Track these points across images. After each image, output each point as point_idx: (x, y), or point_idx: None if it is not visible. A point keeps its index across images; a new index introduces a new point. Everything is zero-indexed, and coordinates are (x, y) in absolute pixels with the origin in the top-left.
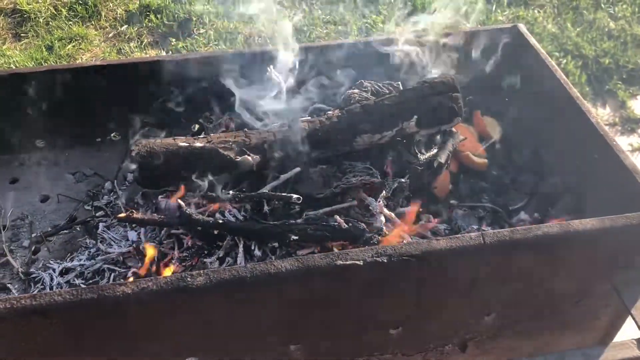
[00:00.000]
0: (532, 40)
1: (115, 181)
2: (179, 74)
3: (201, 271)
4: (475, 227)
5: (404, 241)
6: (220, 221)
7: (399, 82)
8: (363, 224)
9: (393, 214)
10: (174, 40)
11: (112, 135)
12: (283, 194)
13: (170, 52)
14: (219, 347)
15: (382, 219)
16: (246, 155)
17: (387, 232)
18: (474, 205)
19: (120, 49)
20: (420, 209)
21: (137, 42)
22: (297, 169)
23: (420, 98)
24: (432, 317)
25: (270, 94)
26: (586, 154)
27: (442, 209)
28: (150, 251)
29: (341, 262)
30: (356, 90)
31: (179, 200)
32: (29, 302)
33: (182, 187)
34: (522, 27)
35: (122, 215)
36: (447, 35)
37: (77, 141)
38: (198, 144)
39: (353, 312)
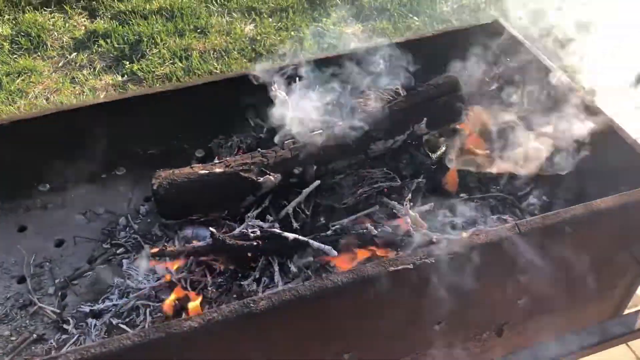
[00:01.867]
0: (513, 31)
1: (129, 216)
2: (179, 103)
3: (262, 295)
4: (494, 217)
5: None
6: (255, 244)
7: (398, 87)
8: (389, 228)
9: (417, 215)
10: (127, 63)
11: (116, 170)
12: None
13: (126, 75)
14: None
15: (409, 220)
16: (267, 175)
17: (414, 234)
18: (484, 196)
19: (73, 77)
20: None
21: (90, 68)
22: (317, 182)
23: (427, 100)
24: (472, 309)
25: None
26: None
27: (455, 203)
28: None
29: (393, 268)
30: (361, 99)
31: (211, 228)
32: (98, 350)
33: None
34: (502, 21)
35: (156, 250)
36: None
37: (81, 180)
38: (218, 170)
39: (401, 314)
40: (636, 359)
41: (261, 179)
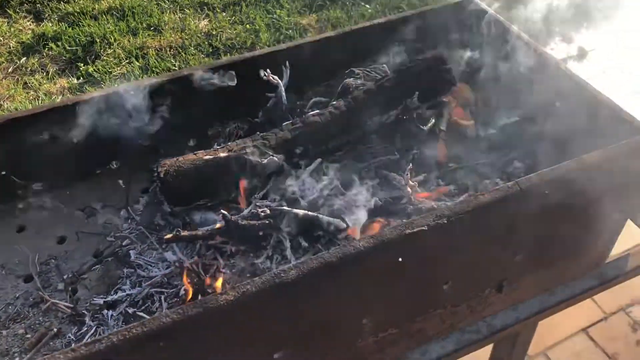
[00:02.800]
0: (485, 6)
1: (129, 208)
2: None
3: (291, 265)
4: (487, 181)
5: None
6: (267, 222)
7: (384, 64)
8: (390, 199)
9: (416, 185)
10: (82, 65)
11: (110, 164)
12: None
13: (82, 77)
14: (303, 335)
15: (409, 190)
16: (271, 156)
17: (416, 201)
18: (473, 164)
19: (25, 82)
20: None
21: (42, 73)
22: (319, 160)
23: (417, 75)
24: (476, 266)
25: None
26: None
27: (445, 172)
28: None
29: (409, 231)
30: (351, 79)
31: (223, 211)
32: (140, 330)
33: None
34: None
35: (169, 236)
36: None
37: (76, 177)
38: (222, 154)
39: (415, 276)
40: (602, 313)
41: (265, 161)
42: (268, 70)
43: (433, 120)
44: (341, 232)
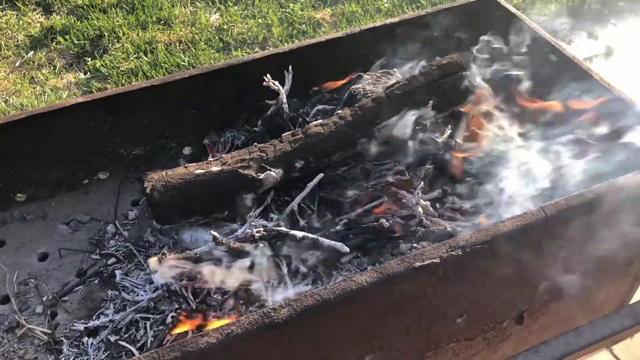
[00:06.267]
0: (512, 8)
1: (117, 222)
2: (163, 98)
3: (282, 302)
4: (509, 199)
5: None
6: (262, 245)
7: (395, 69)
8: (400, 220)
9: (428, 204)
10: (89, 59)
11: (99, 174)
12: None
13: (89, 72)
14: None
15: (420, 210)
16: (268, 171)
17: (427, 223)
18: (494, 179)
19: (32, 77)
20: None
21: (50, 67)
22: (321, 175)
23: (431, 82)
24: (495, 297)
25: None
26: None
27: (462, 188)
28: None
29: (419, 264)
30: (359, 85)
31: (213, 232)
32: None
33: None
34: None
35: (154, 259)
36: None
37: (61, 187)
38: (215, 169)
39: (426, 310)
40: None
41: (262, 175)
42: (268, 75)
43: (449, 132)
44: (343, 256)
